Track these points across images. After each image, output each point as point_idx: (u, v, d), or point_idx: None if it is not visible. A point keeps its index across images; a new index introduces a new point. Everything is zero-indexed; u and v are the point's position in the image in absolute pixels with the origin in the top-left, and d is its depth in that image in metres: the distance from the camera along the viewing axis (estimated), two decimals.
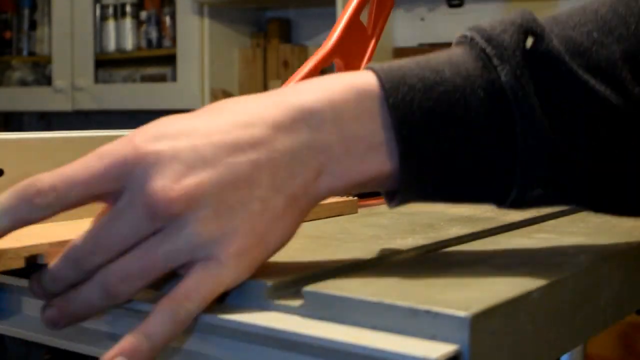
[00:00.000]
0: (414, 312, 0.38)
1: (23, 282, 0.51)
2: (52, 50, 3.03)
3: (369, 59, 0.74)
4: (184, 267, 0.41)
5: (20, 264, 0.47)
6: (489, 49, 0.45)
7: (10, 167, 0.53)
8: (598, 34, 0.46)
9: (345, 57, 0.72)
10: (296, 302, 0.42)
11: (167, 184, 0.39)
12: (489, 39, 0.46)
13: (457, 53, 0.46)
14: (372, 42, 0.75)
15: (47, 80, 3.12)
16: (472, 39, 0.46)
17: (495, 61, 0.44)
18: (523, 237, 0.59)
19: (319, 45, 2.45)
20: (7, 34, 3.28)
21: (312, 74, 0.68)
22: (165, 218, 0.39)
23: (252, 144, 0.41)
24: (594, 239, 0.58)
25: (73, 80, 2.94)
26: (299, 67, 0.70)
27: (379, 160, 0.43)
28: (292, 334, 0.40)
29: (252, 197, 0.41)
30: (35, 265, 0.50)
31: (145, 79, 2.90)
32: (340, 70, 0.72)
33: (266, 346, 0.42)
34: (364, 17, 0.74)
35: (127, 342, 0.40)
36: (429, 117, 0.43)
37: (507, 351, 0.40)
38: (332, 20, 2.40)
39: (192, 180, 0.40)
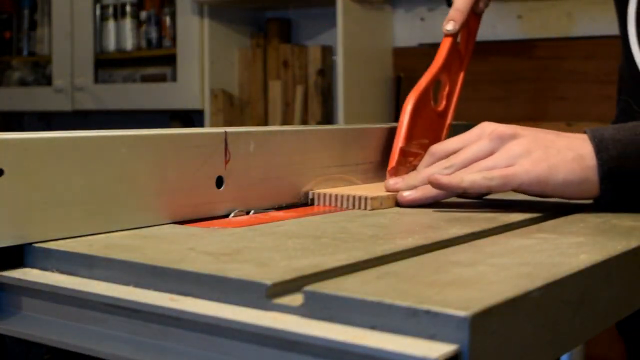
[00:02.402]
0: (414, 312, 0.38)
1: (23, 282, 0.51)
2: (52, 50, 3.02)
3: (464, 74, 0.94)
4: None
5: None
6: None
7: (10, 167, 0.53)
8: None
9: (449, 72, 0.91)
10: (296, 302, 0.42)
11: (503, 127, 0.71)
12: None
13: None
14: (466, 58, 0.94)
15: (47, 80, 3.11)
16: None
17: None
18: (523, 237, 0.59)
19: (319, 45, 2.45)
20: (7, 34, 3.28)
21: (428, 87, 0.86)
22: (499, 138, 0.71)
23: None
24: (594, 239, 0.58)
25: (73, 80, 2.94)
26: (299, 67, 0.75)
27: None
28: (292, 334, 0.40)
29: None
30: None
31: (145, 79, 2.89)
32: (445, 84, 0.91)
33: (266, 346, 0.42)
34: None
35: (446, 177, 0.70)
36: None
37: (507, 351, 0.40)
38: (332, 20, 2.40)
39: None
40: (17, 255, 0.54)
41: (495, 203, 0.76)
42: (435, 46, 0.89)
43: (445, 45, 0.90)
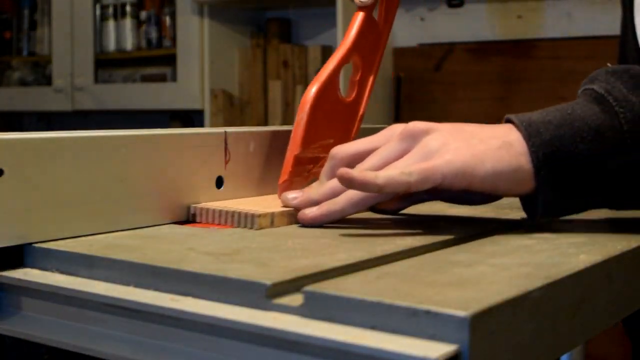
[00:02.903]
0: (414, 312, 0.38)
1: (23, 282, 0.51)
2: (52, 50, 3.03)
3: (382, 54, 0.77)
4: None
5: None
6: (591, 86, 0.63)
7: (10, 167, 0.53)
8: None
9: (362, 53, 0.75)
10: (296, 302, 0.42)
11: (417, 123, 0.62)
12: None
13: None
14: (384, 36, 0.77)
15: (47, 80, 3.11)
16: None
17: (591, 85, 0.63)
18: (523, 237, 0.59)
19: (319, 45, 2.44)
20: (7, 34, 3.28)
21: (335, 73, 0.71)
22: (411, 136, 0.62)
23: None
24: (594, 239, 0.58)
25: (73, 80, 2.94)
26: (299, 67, 0.72)
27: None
28: (292, 334, 0.40)
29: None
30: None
31: (145, 79, 2.89)
32: (357, 67, 0.75)
33: (266, 346, 0.42)
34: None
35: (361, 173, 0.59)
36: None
37: (507, 351, 0.40)
38: (332, 20, 2.40)
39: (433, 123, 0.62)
40: (17, 255, 0.54)
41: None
42: (435, 46, 0.86)
43: (358, 21, 0.74)
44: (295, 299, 0.43)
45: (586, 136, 0.60)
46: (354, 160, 0.64)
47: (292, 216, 0.64)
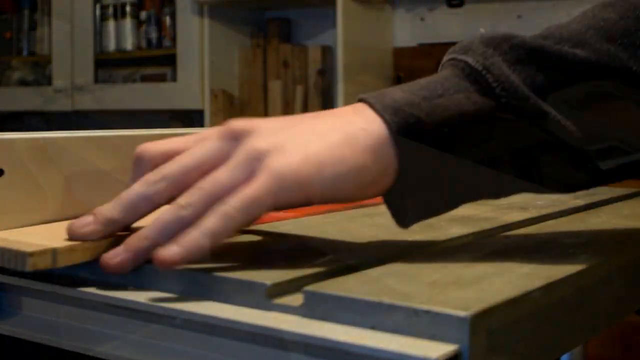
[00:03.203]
0: (414, 312, 0.38)
1: (23, 282, 0.51)
2: (52, 50, 3.03)
3: None
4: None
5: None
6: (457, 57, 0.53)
7: (10, 167, 0.53)
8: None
9: None
10: (296, 302, 0.42)
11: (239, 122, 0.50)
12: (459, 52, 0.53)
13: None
14: None
15: (47, 80, 3.12)
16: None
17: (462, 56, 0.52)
18: (523, 237, 0.59)
19: (319, 45, 2.45)
20: (7, 34, 3.28)
21: None
22: (232, 137, 0.50)
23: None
24: (594, 239, 0.58)
25: (73, 80, 2.94)
26: (299, 67, 0.71)
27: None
28: (292, 334, 0.40)
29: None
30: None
31: (145, 79, 2.90)
32: None
33: (266, 346, 0.42)
34: None
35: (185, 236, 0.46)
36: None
37: (507, 351, 0.40)
38: (332, 20, 2.40)
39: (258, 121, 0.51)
40: None
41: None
42: (435, 46, 0.86)
43: None
44: (295, 299, 0.43)
45: (462, 127, 0.50)
46: (167, 160, 0.51)
47: (89, 250, 0.48)
